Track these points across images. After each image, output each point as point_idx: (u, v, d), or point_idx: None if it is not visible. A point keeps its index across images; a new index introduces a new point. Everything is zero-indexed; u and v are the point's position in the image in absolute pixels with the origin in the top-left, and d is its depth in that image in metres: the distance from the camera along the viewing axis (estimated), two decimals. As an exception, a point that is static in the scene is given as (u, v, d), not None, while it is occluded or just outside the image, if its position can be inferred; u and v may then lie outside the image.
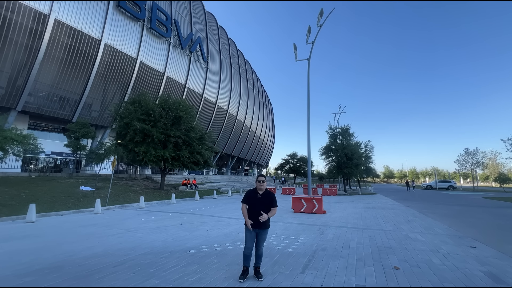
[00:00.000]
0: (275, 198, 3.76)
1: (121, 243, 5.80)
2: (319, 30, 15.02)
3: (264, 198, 3.69)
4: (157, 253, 5.02)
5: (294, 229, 7.50)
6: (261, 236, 3.73)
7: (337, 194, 23.60)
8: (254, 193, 3.75)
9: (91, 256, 4.80)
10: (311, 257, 4.82)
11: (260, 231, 3.71)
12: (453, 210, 13.03)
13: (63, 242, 5.91)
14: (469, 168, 44.97)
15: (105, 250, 5.18)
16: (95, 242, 5.89)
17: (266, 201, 3.68)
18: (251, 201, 3.69)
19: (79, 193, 13.29)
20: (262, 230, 3.70)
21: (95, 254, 4.94)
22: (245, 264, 3.74)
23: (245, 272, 3.70)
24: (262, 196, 3.71)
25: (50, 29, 17.94)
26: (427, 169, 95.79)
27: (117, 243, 5.75)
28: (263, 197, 3.70)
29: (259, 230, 3.69)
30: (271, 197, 3.72)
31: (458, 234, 7.01)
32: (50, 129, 22.28)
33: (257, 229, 3.68)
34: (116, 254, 4.90)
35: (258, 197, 3.69)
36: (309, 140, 15.22)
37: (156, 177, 23.68)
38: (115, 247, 5.45)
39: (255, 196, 3.71)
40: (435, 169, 74.02)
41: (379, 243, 5.92)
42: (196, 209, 12.22)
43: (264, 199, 3.69)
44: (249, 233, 3.70)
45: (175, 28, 28.57)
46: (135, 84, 24.29)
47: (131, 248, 5.37)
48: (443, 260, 4.70)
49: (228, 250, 5.22)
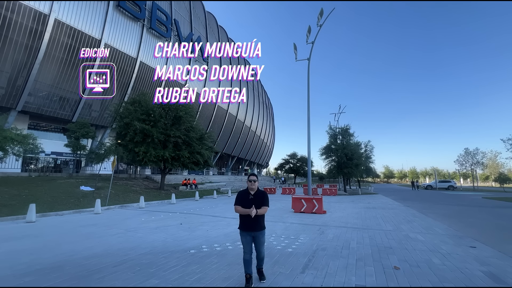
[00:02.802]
0: (267, 197, 3.63)
1: (121, 243, 5.81)
2: (319, 30, 15.02)
3: (257, 198, 3.54)
4: (157, 253, 5.02)
5: (294, 229, 7.50)
6: (259, 239, 3.54)
7: (337, 194, 23.59)
8: (246, 194, 3.57)
9: (91, 256, 4.80)
10: (311, 257, 4.82)
11: (256, 234, 3.52)
12: (453, 210, 13.02)
13: (63, 242, 5.91)
14: (469, 168, 44.95)
15: (105, 250, 5.18)
16: (95, 242, 5.89)
17: (258, 202, 3.51)
18: (244, 202, 3.52)
19: (79, 193, 13.29)
20: (258, 232, 3.52)
21: (95, 254, 4.94)
22: (247, 271, 3.50)
23: (248, 281, 3.46)
24: (254, 196, 3.55)
25: (50, 29, 17.94)
26: (427, 169, 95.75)
27: (117, 243, 5.76)
28: (255, 197, 3.54)
29: (255, 233, 3.51)
30: (263, 197, 3.56)
31: (458, 234, 7.01)
32: (50, 129, 22.28)
33: (253, 231, 3.51)
34: (116, 254, 4.91)
35: (250, 197, 3.53)
36: (309, 140, 15.22)
37: (156, 177, 23.68)
38: (115, 247, 5.45)
39: (247, 197, 3.54)
40: (435, 169, 73.96)
41: (379, 243, 5.92)
42: (196, 209, 12.22)
43: (257, 199, 3.53)
44: (244, 237, 3.53)
45: (175, 28, 28.57)
46: (135, 84, 24.30)
47: (131, 248, 5.38)
48: (443, 260, 4.70)
49: (228, 250, 5.22)
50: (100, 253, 5.01)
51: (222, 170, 48.28)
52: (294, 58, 15.92)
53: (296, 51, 15.61)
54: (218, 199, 18.48)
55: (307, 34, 14.83)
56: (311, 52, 15.80)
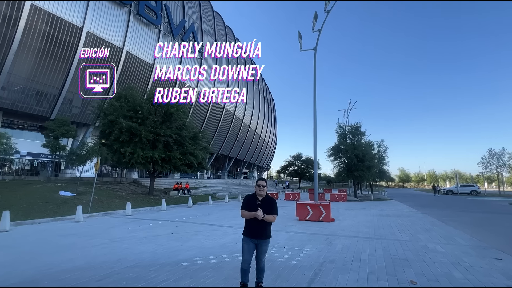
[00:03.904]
0: (276, 205, 3.73)
1: (105, 254, 5.80)
2: (327, 16, 15.01)
3: (264, 205, 3.66)
4: (145, 265, 5.02)
5: (299, 239, 7.51)
6: (262, 247, 3.66)
7: (346, 200, 23.61)
8: (253, 199, 3.71)
9: (72, 269, 4.80)
10: (317, 270, 4.82)
11: (260, 242, 3.64)
12: (477, 217, 13.02)
13: (40, 253, 5.91)
14: (495, 170, 44.93)
15: (88, 263, 5.18)
16: (76, 253, 5.89)
17: (266, 209, 3.64)
18: (250, 208, 3.65)
19: (58, 199, 13.28)
20: (262, 240, 3.64)
21: (76, 267, 4.93)
22: (243, 280, 3.64)
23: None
24: (262, 202, 3.67)
25: (26, 16, 17.94)
26: (447, 172, 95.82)
27: (100, 255, 5.75)
28: (263, 203, 3.66)
29: (258, 241, 3.64)
30: (272, 204, 3.69)
31: (482, 244, 7.01)
32: (26, 127, 22.31)
33: (257, 239, 3.64)
34: (100, 267, 4.90)
35: (258, 203, 3.66)
36: (316, 139, 15.22)
37: (145, 181, 23.69)
38: (98, 259, 5.45)
39: (254, 203, 3.67)
40: (456, 172, 74.02)
41: (393, 255, 5.92)
42: (189, 217, 12.22)
43: (264, 206, 3.64)
44: (247, 244, 3.65)
45: (165, 14, 28.58)
46: (121, 77, 24.31)
47: (117, 260, 5.38)
48: (465, 273, 4.70)
49: (224, 263, 5.22)
50: (82, 266, 5.00)
51: (218, 173, 48.32)
52: (299, 48, 15.89)
53: (301, 40, 15.59)
54: (214, 205, 18.48)
55: (313, 21, 14.81)
56: (318, 41, 15.79)
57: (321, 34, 15.49)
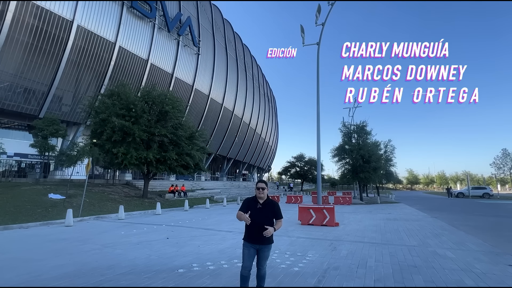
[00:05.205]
0: (279, 208, 3.72)
1: (96, 260, 5.81)
2: (331, 9, 15.01)
3: (266, 208, 3.63)
4: (139, 272, 5.02)
5: (301, 244, 7.52)
6: (263, 253, 3.63)
7: (351, 203, 23.60)
8: (253, 202, 3.68)
9: (61, 276, 4.81)
10: (321, 277, 4.82)
11: (262, 248, 3.61)
12: (489, 222, 13.03)
13: (28, 259, 5.91)
14: (508, 172, 44.96)
15: (78, 269, 5.19)
16: (66, 259, 5.89)
17: (268, 212, 3.61)
18: (251, 211, 3.60)
19: (47, 202, 13.29)
20: (264, 246, 3.61)
21: (66, 273, 4.94)
22: (243, 286, 3.66)
23: None
24: (263, 206, 3.64)
25: (13, 9, 17.93)
26: (457, 174, 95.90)
27: (92, 261, 5.76)
28: (264, 207, 3.63)
29: (260, 246, 3.61)
30: (274, 208, 3.67)
31: (495, 250, 7.02)
32: (13, 126, 22.32)
33: (258, 245, 3.60)
34: (91, 274, 4.91)
35: (259, 206, 3.62)
36: (319, 139, 15.21)
37: (138, 183, 23.69)
38: (89, 265, 5.46)
39: (255, 206, 3.63)
40: (467, 174, 73.91)
41: (401, 261, 5.93)
42: (186, 221, 12.24)
43: (266, 209, 3.62)
44: (248, 249, 3.62)
45: (160, 7, 28.60)
46: (114, 73, 24.32)
47: (109, 266, 5.38)
48: (477, 281, 4.70)
49: (223, 269, 5.23)
50: (72, 272, 5.01)
51: (216, 174, 48.34)
52: (302, 42, 15.89)
53: (304, 34, 15.59)
54: (212, 209, 18.49)
55: (316, 14, 14.80)
56: (321, 36, 15.78)
57: (324, 28, 15.49)
